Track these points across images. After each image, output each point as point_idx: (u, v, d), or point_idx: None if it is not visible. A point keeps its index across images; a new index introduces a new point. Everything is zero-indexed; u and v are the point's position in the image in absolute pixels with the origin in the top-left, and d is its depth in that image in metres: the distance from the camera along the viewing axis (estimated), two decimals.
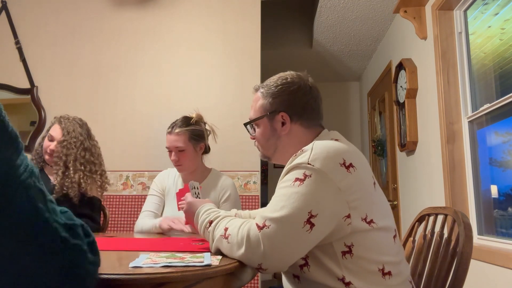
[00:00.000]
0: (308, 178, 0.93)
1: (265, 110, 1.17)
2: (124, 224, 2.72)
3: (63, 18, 2.99)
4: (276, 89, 1.17)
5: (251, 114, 1.22)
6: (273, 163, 1.22)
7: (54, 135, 1.86)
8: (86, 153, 1.88)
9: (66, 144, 1.83)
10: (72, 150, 1.83)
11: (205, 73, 2.87)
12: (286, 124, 1.15)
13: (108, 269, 0.77)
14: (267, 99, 1.17)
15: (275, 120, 1.16)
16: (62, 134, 1.85)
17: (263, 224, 0.92)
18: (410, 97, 2.83)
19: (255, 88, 1.24)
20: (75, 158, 1.83)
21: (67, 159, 1.82)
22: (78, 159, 1.84)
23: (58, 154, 1.83)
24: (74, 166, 1.82)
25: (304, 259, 0.98)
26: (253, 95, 1.24)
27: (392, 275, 0.96)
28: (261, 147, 1.22)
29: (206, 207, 1.13)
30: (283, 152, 1.16)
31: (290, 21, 3.91)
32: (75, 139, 1.86)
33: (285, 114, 1.14)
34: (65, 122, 1.89)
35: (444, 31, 2.40)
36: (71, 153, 1.83)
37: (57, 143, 1.85)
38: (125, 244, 1.26)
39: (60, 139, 1.85)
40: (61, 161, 1.82)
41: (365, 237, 0.95)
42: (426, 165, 2.63)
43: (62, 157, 1.82)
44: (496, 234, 2.00)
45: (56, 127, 1.89)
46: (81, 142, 1.87)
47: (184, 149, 1.84)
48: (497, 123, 2.05)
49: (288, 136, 1.15)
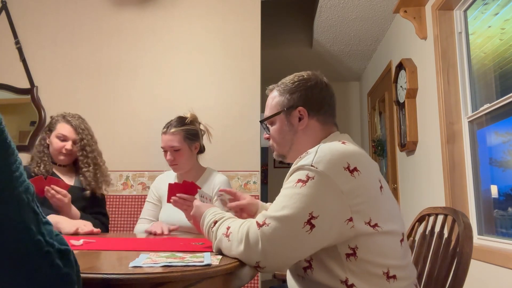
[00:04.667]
0: (311, 180, 0.93)
1: (282, 106, 1.18)
2: (124, 224, 2.72)
3: (63, 18, 2.99)
4: (293, 85, 1.18)
5: (266, 113, 1.23)
6: (288, 162, 1.21)
7: (67, 134, 1.80)
8: (98, 147, 1.91)
9: (85, 142, 1.82)
10: (93, 146, 1.84)
11: (205, 73, 2.87)
12: (304, 119, 1.15)
13: (108, 269, 0.77)
14: (284, 95, 1.18)
15: (292, 115, 1.16)
16: (77, 132, 1.82)
17: (263, 222, 0.92)
18: (410, 97, 2.83)
19: (270, 88, 1.25)
20: (98, 152, 1.86)
21: (93, 155, 1.82)
22: (100, 153, 1.88)
23: (82, 153, 1.81)
24: (102, 160, 1.85)
25: (308, 262, 0.98)
26: (268, 95, 1.25)
27: (397, 279, 0.95)
28: (276, 145, 1.22)
29: (212, 209, 1.13)
30: (298, 149, 1.16)
31: (290, 21, 3.91)
32: (90, 136, 1.86)
33: (302, 109, 1.15)
34: (73, 120, 1.85)
35: (444, 31, 2.40)
36: (94, 149, 1.83)
37: (74, 142, 1.81)
38: (125, 244, 1.26)
39: (76, 138, 1.81)
40: (88, 158, 1.81)
41: (369, 240, 0.94)
42: (426, 165, 2.63)
43: (88, 155, 1.81)
44: (496, 234, 2.00)
45: (65, 126, 1.83)
46: (93, 136, 1.89)
47: (180, 149, 1.85)
48: (497, 123, 2.05)
49: (305, 131, 1.16)
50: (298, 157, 1.02)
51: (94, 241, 1.27)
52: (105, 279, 0.71)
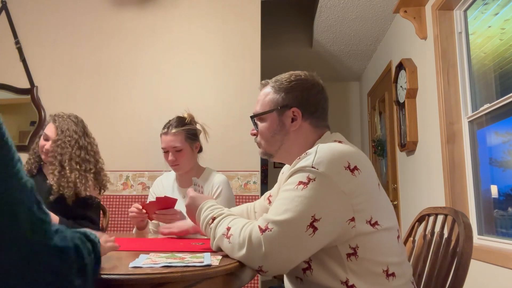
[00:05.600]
0: (312, 182, 0.92)
1: (275, 105, 1.16)
2: (124, 224, 2.72)
3: (63, 18, 2.99)
4: (289, 85, 1.16)
5: (257, 108, 1.20)
6: (274, 161, 1.21)
7: (48, 134, 1.81)
8: (82, 152, 1.83)
9: (60, 143, 1.78)
10: (67, 149, 1.78)
11: (205, 73, 2.87)
12: (297, 120, 1.13)
13: (108, 269, 0.77)
14: (279, 93, 1.16)
15: (285, 115, 1.14)
16: (56, 133, 1.80)
17: (265, 227, 0.90)
18: (410, 97, 2.83)
19: (263, 83, 1.23)
20: (70, 157, 1.78)
21: (62, 159, 1.77)
22: (74, 158, 1.79)
23: (53, 154, 1.78)
24: (70, 165, 1.77)
25: (307, 263, 0.98)
26: (260, 90, 1.23)
27: (395, 276, 0.95)
28: (264, 143, 1.19)
29: (209, 203, 1.12)
30: (287, 150, 1.15)
31: (290, 21, 3.91)
32: (70, 138, 1.81)
33: (297, 110, 1.13)
34: (59, 120, 1.84)
35: (444, 31, 2.40)
36: (66, 152, 1.78)
37: (52, 142, 1.80)
38: (125, 244, 1.26)
39: (54, 138, 1.80)
40: (56, 160, 1.77)
41: (370, 239, 0.94)
42: (426, 165, 2.63)
43: (57, 157, 1.77)
44: (496, 234, 2.00)
45: (51, 126, 1.83)
46: (76, 140, 1.82)
47: (181, 149, 1.84)
48: (497, 123, 2.05)
49: (296, 133, 1.14)
50: (297, 158, 1.01)
51: None
52: (105, 279, 0.71)
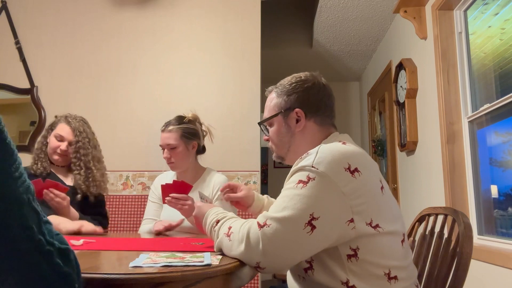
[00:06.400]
0: (312, 181, 0.93)
1: (279, 108, 1.18)
2: (124, 224, 2.72)
3: (63, 18, 2.99)
4: (290, 87, 1.18)
5: (265, 114, 1.23)
6: (287, 164, 1.21)
7: (64, 135, 1.82)
8: (97, 151, 1.91)
9: (81, 144, 1.83)
10: (88, 150, 1.84)
11: (205, 73, 2.87)
12: (301, 121, 1.16)
13: (108, 269, 0.77)
14: (282, 97, 1.19)
15: (289, 117, 1.17)
16: (75, 135, 1.83)
17: (264, 223, 0.92)
18: (410, 97, 2.83)
19: (269, 90, 1.26)
20: (93, 157, 1.85)
21: (86, 159, 1.83)
22: (95, 157, 1.87)
23: (75, 155, 1.82)
24: (95, 165, 1.85)
25: (308, 263, 0.98)
26: (267, 97, 1.25)
27: (398, 280, 0.95)
28: (275, 147, 1.22)
29: (215, 209, 1.14)
30: (295, 151, 1.16)
31: (290, 21, 3.91)
32: (88, 139, 1.86)
33: (299, 111, 1.15)
34: (73, 121, 1.86)
35: (444, 31, 2.40)
36: (89, 153, 1.84)
37: (69, 144, 1.82)
38: (125, 244, 1.26)
39: (72, 139, 1.82)
40: (80, 161, 1.82)
41: (371, 241, 0.94)
42: (426, 165, 2.63)
43: (82, 158, 1.82)
44: (496, 234, 2.00)
45: (65, 127, 1.84)
46: (91, 140, 1.88)
47: (175, 147, 1.85)
48: (497, 123, 2.05)
49: (302, 133, 1.16)
50: (299, 158, 1.02)
51: (94, 241, 1.27)
52: (105, 279, 0.71)
